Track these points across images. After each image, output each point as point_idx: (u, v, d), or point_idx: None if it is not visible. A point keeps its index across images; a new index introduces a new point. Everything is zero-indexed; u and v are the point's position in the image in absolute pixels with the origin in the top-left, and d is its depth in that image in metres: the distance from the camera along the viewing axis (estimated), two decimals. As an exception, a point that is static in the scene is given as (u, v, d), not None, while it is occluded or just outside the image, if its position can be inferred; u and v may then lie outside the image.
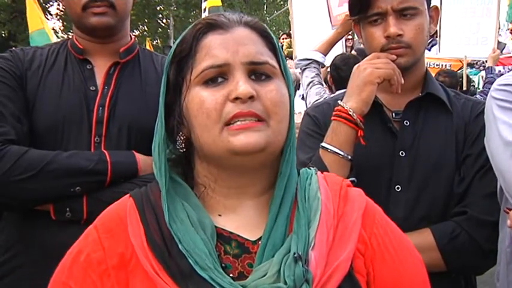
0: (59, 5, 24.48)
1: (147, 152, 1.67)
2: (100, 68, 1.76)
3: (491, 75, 5.62)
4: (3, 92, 1.65)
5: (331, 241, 0.95)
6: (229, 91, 0.94)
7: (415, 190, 1.58)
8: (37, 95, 1.69)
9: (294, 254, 0.90)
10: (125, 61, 1.78)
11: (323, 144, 1.56)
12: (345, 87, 4.46)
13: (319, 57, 3.67)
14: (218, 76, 0.96)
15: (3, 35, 21.52)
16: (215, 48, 0.96)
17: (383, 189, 1.59)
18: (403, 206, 1.58)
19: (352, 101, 1.54)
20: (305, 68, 3.72)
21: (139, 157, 1.68)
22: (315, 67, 3.70)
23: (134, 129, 1.70)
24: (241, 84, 0.93)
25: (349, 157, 1.53)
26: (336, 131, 1.54)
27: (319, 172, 1.08)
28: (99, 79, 1.75)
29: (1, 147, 1.55)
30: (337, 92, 3.81)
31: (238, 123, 0.93)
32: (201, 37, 0.98)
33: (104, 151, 1.65)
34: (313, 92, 3.72)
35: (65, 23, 24.99)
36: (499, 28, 6.67)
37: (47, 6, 24.42)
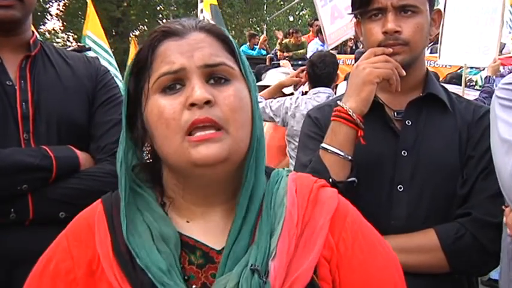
0: (59, 5, 24.56)
1: (75, 146, 1.67)
2: (10, 61, 1.69)
3: (489, 85, 5.51)
4: None
5: (292, 251, 0.92)
6: (186, 97, 0.91)
7: (418, 190, 1.57)
8: None
9: (251, 265, 0.89)
10: (34, 54, 1.73)
11: (323, 144, 1.54)
12: (320, 85, 4.61)
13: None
14: (176, 83, 0.93)
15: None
16: (170, 55, 0.94)
17: (385, 189, 1.58)
18: (406, 206, 1.57)
19: (352, 100, 1.52)
20: None
21: (77, 151, 1.66)
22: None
23: (62, 124, 1.66)
24: (197, 89, 0.90)
25: (349, 157, 1.51)
26: (335, 131, 1.53)
27: (291, 174, 1.04)
28: (12, 73, 1.68)
29: None
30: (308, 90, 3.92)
31: (198, 134, 0.90)
32: (156, 45, 0.96)
33: (44, 147, 1.61)
34: (274, 103, 3.99)
35: (65, 23, 25.00)
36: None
37: (47, 7, 24.44)
